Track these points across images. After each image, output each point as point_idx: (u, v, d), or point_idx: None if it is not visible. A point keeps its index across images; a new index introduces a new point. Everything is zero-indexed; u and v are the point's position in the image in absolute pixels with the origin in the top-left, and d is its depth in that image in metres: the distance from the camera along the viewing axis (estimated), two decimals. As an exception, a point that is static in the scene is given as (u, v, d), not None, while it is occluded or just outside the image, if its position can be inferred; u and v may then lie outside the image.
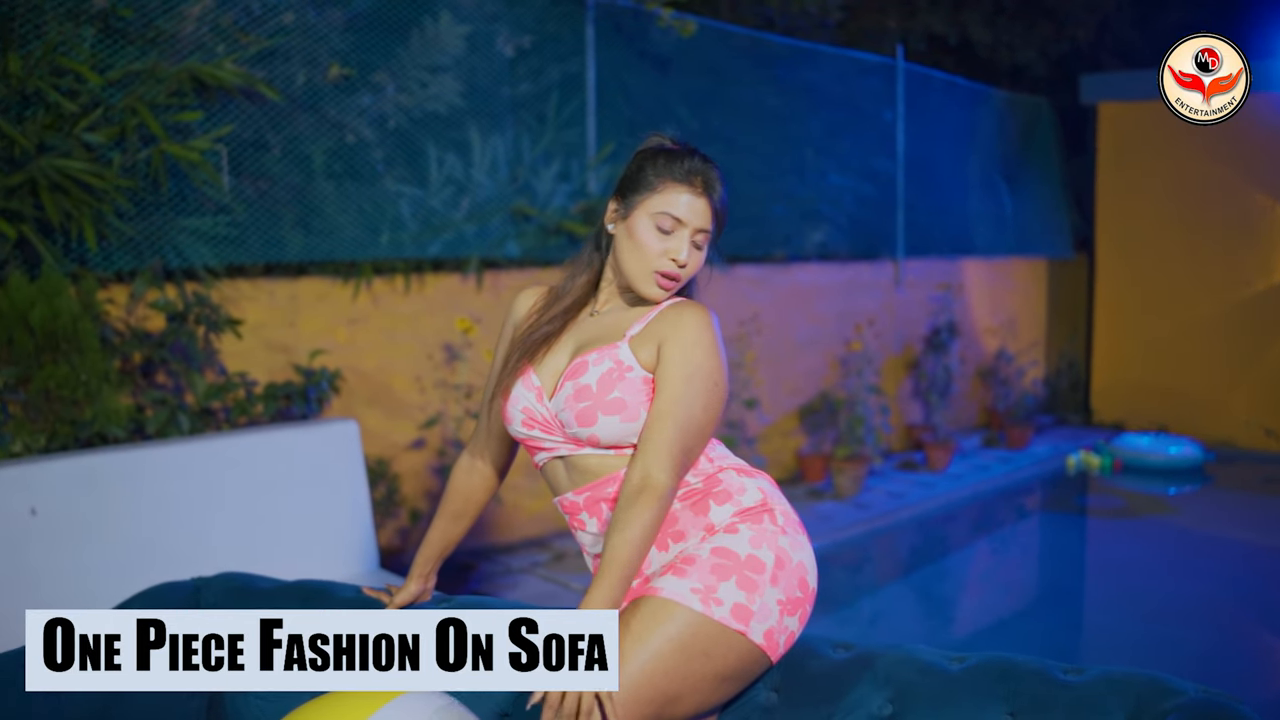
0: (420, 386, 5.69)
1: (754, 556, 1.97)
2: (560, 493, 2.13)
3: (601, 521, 2.07)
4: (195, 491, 4.05)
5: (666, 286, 2.07)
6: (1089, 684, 1.92)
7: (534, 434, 2.09)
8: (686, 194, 2.05)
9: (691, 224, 2.05)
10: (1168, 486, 8.45)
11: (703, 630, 1.89)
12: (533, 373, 2.10)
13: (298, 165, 5.17)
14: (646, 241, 2.06)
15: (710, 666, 1.89)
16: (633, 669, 1.84)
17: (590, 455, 2.05)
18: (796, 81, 8.19)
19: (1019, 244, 10.32)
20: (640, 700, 1.83)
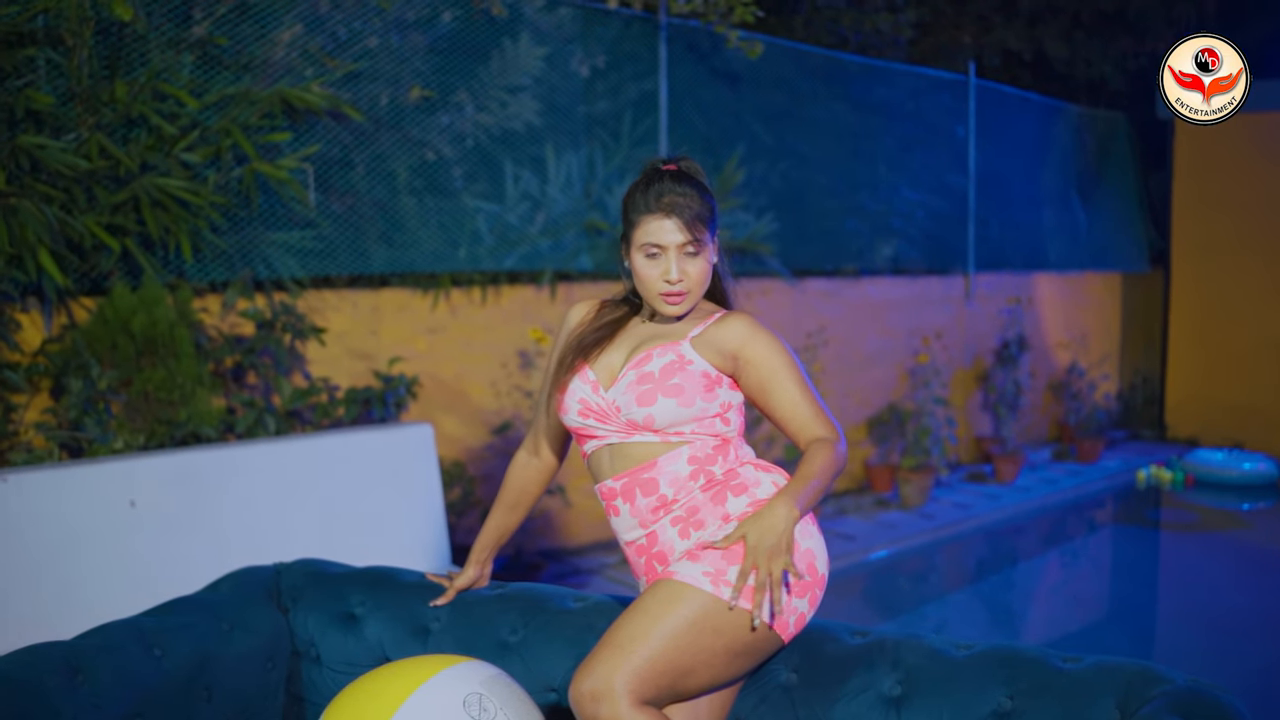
0: (495, 393, 5.94)
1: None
2: (601, 479, 2.33)
3: (634, 508, 2.26)
4: (280, 488, 4.34)
5: (676, 301, 2.29)
6: (1084, 671, 2.08)
7: (588, 422, 2.30)
8: (656, 220, 2.26)
9: (671, 244, 2.26)
10: (1240, 502, 8.41)
11: (713, 609, 2.07)
12: (588, 369, 2.32)
13: (380, 182, 5.45)
14: (643, 272, 2.29)
15: (721, 643, 2.07)
16: (649, 645, 2.02)
17: (637, 443, 2.26)
18: (869, 98, 8.33)
19: (1093, 258, 10.33)
20: (655, 673, 2.01)
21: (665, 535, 2.24)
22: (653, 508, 2.25)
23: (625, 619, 2.08)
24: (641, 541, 2.28)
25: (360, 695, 2.13)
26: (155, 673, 2.38)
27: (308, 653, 2.69)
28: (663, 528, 2.25)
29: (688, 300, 2.30)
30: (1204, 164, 10.00)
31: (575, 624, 2.49)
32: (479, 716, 2.05)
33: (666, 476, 2.24)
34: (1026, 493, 8.17)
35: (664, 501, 2.24)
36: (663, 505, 2.24)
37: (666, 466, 2.24)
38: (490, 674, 2.18)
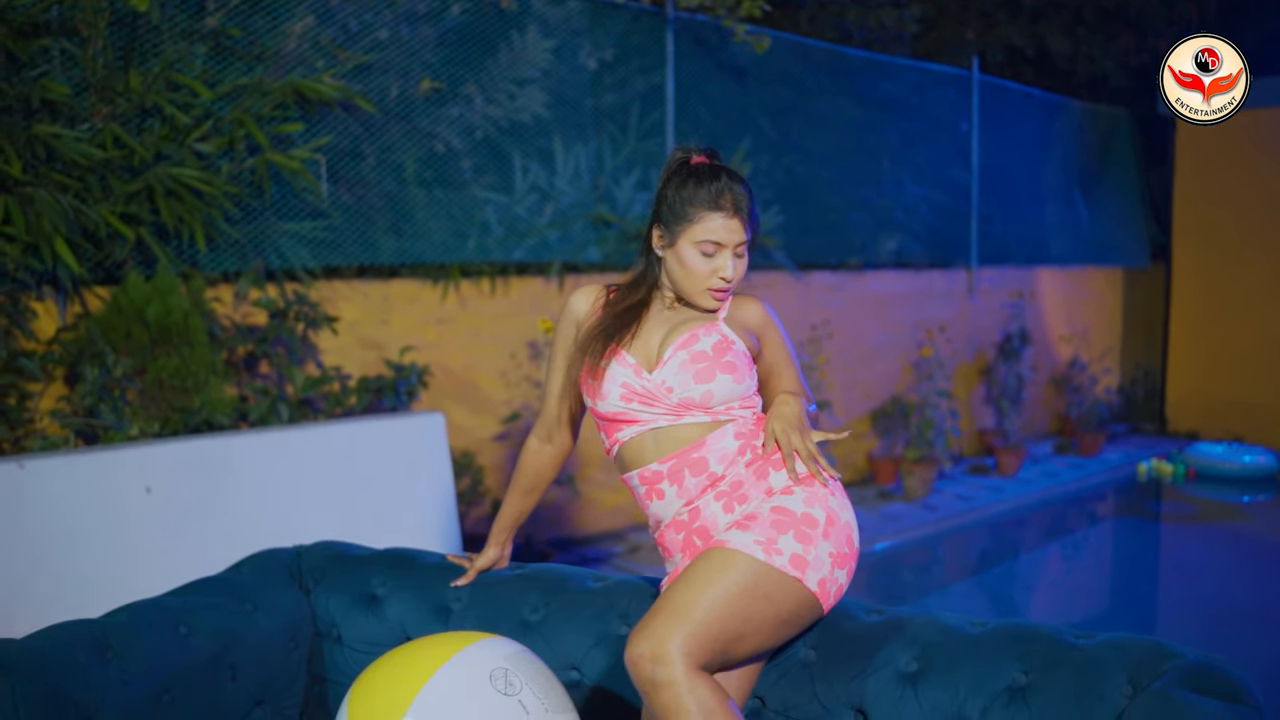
0: (504, 383, 5.99)
1: (809, 514, 2.21)
2: (641, 465, 2.32)
3: (682, 488, 2.27)
4: (294, 476, 4.38)
5: (720, 298, 2.35)
6: (1096, 647, 2.12)
7: (632, 407, 2.31)
8: (720, 218, 2.29)
9: (731, 243, 2.31)
10: (1241, 495, 8.46)
11: (765, 577, 2.12)
12: (625, 353, 2.33)
13: (391, 173, 5.49)
14: (695, 267, 2.32)
15: (771, 609, 2.13)
16: (703, 609, 2.05)
17: (685, 424, 2.28)
18: (873, 93, 8.37)
19: (1095, 253, 10.37)
20: (709, 637, 2.04)
21: (709, 510, 2.27)
22: (701, 486, 2.27)
23: (680, 585, 2.11)
24: (683, 518, 2.30)
25: (387, 671, 2.17)
26: (182, 651, 2.42)
27: (329, 633, 2.74)
28: (706, 503, 2.27)
29: (727, 299, 2.38)
30: (1205, 160, 10.04)
31: (596, 603, 2.53)
32: (505, 691, 2.10)
33: (716, 454, 2.27)
34: (1028, 485, 8.22)
35: (713, 479, 2.27)
36: (711, 483, 2.27)
37: (715, 444, 2.27)
38: (515, 649, 2.22)
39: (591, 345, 2.37)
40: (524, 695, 2.12)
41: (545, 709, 2.13)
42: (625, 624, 2.49)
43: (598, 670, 2.46)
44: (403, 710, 2.07)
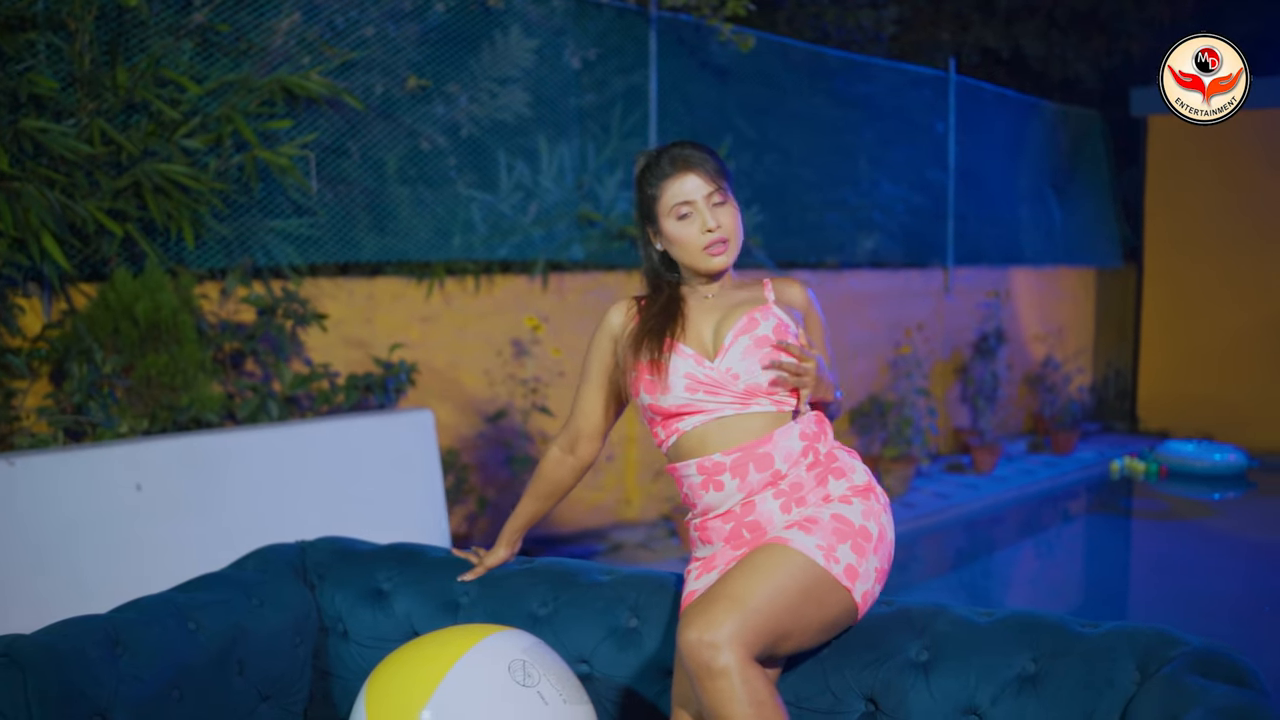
0: (489, 381, 5.99)
1: (865, 528, 2.23)
2: (703, 455, 2.30)
3: (744, 483, 2.26)
4: (285, 473, 4.38)
5: (720, 251, 2.34)
6: (1103, 635, 2.16)
7: (697, 397, 2.30)
8: (678, 180, 2.33)
9: (698, 197, 2.32)
10: (1211, 492, 8.58)
11: (821, 581, 2.14)
12: (681, 345, 2.34)
13: (376, 171, 5.49)
14: (683, 235, 2.34)
15: (819, 614, 2.15)
16: (762, 601, 2.07)
17: (753, 413, 2.29)
18: (851, 93, 8.43)
19: (1068, 253, 10.48)
20: (762, 631, 2.06)
21: (765, 506, 2.26)
22: (764, 482, 2.26)
23: (741, 575, 2.12)
24: (736, 509, 2.29)
25: (406, 663, 2.18)
26: (191, 646, 2.42)
27: (335, 628, 2.74)
28: (764, 499, 2.27)
29: (730, 249, 2.35)
30: (1175, 161, 10.17)
31: (605, 596, 2.54)
32: (524, 682, 2.12)
33: (781, 452, 2.27)
34: (1004, 483, 8.30)
35: (776, 477, 2.26)
36: (774, 480, 2.27)
37: (781, 441, 2.27)
38: (531, 641, 2.24)
39: (647, 342, 2.36)
40: (542, 686, 2.13)
41: (563, 700, 2.15)
42: (635, 617, 2.51)
43: (608, 663, 2.47)
44: (423, 702, 2.08)
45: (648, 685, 2.45)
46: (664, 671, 2.45)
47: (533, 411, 5.94)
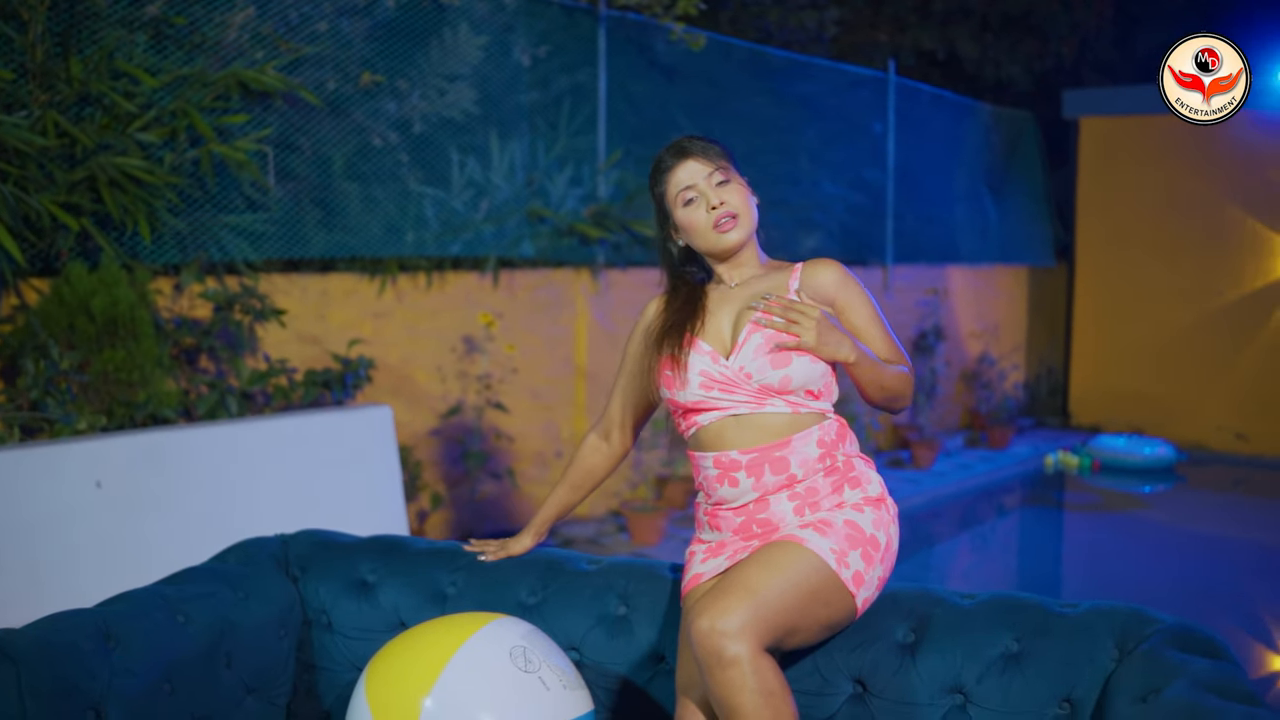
0: (441, 377, 5.99)
1: (874, 537, 2.28)
2: (720, 450, 2.33)
3: (759, 482, 2.29)
4: (244, 469, 4.36)
5: (727, 226, 2.36)
6: (1082, 615, 2.25)
7: (712, 394, 2.32)
8: (677, 170, 2.39)
9: (699, 179, 2.37)
10: (1142, 485, 8.82)
11: (830, 584, 2.19)
12: (700, 341, 2.36)
13: (330, 167, 5.47)
14: (692, 219, 2.38)
15: (825, 614, 2.20)
16: (775, 595, 2.11)
17: (769, 413, 2.30)
18: (792, 93, 8.53)
19: (1002, 252, 10.69)
20: (776, 624, 2.10)
21: (779, 507, 2.30)
22: (778, 484, 2.29)
23: (757, 568, 2.16)
24: (750, 505, 2.32)
25: (406, 652, 2.21)
26: (181, 639, 2.42)
27: (319, 620, 2.75)
28: (778, 499, 2.30)
29: (740, 225, 2.37)
30: (1106, 163, 10.42)
31: (594, 584, 2.59)
32: (525, 668, 2.15)
33: (798, 457, 2.29)
34: (943, 478, 8.45)
35: (791, 480, 2.29)
36: (789, 483, 2.29)
37: (799, 447, 2.29)
38: (528, 629, 2.28)
39: (668, 337, 2.39)
40: (543, 672, 2.17)
41: (563, 685, 2.19)
42: (624, 605, 2.55)
43: (598, 650, 2.52)
44: (427, 689, 2.11)
45: (638, 672, 2.50)
46: (654, 658, 2.50)
47: (486, 408, 5.96)
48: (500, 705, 2.11)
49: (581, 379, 6.79)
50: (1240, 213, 9.70)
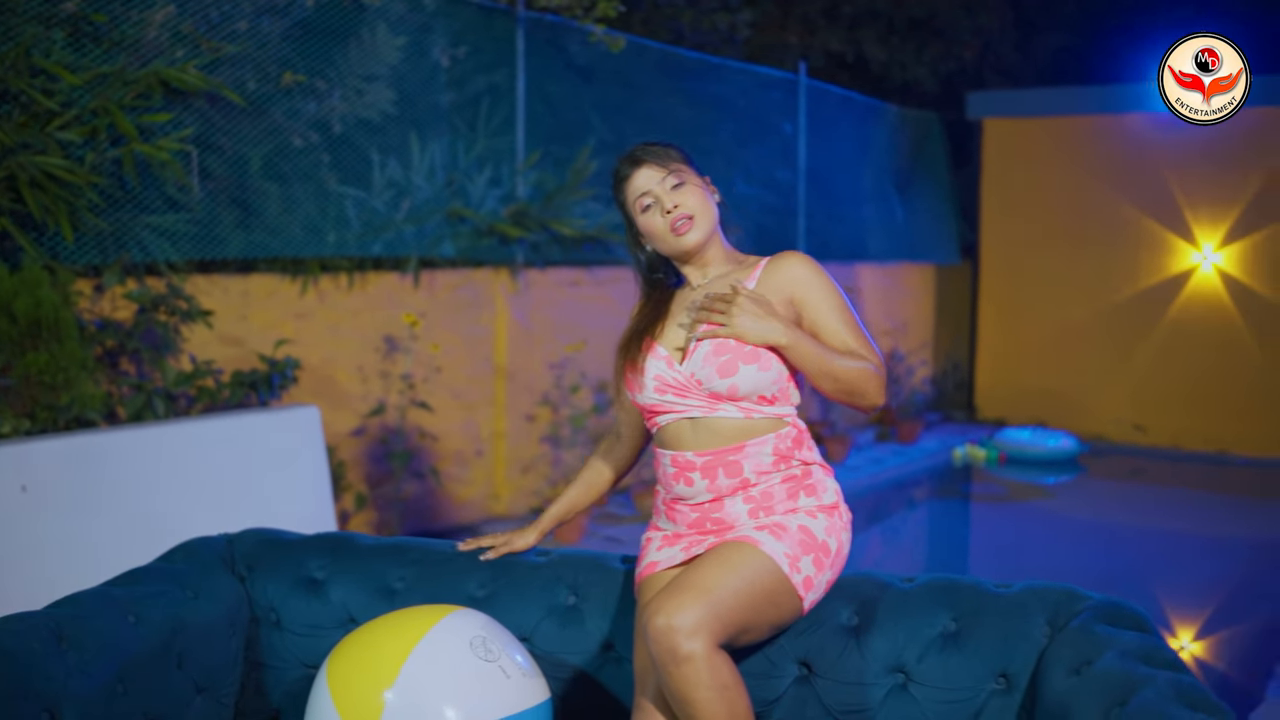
0: (361, 378, 5.99)
1: (825, 542, 2.35)
2: (678, 449, 2.39)
3: (713, 484, 2.35)
4: (173, 471, 4.33)
5: (684, 229, 2.41)
6: (1016, 594, 2.37)
7: (666, 398, 2.39)
8: (632, 179, 2.46)
9: (653, 185, 2.43)
10: (1046, 476, 9.11)
11: (782, 587, 2.26)
12: (658, 345, 2.42)
13: (250, 167, 5.43)
14: (651, 225, 2.45)
15: (775, 615, 2.28)
16: (730, 595, 2.17)
17: (722, 418, 2.35)
18: (705, 94, 8.64)
19: (909, 250, 10.93)
20: (730, 622, 2.16)
21: (734, 508, 2.36)
22: (733, 487, 2.35)
23: (713, 568, 2.21)
24: (705, 504, 2.38)
25: (366, 645, 2.24)
26: (133, 639, 2.43)
27: (267, 618, 2.77)
28: (733, 501, 2.36)
29: (697, 225, 2.41)
30: (1008, 163, 10.72)
31: (543, 576, 2.64)
32: (486, 657, 2.20)
33: (752, 462, 2.35)
34: (856, 472, 8.63)
35: (745, 484, 2.35)
36: (743, 486, 2.35)
37: (753, 452, 2.35)
38: (486, 619, 2.33)
39: (629, 343, 2.47)
40: (503, 661, 2.23)
41: (523, 673, 2.25)
42: (574, 595, 2.61)
43: (549, 640, 2.57)
44: (390, 681, 2.15)
45: (589, 660, 2.56)
46: (605, 647, 2.56)
47: (409, 407, 5.97)
48: (463, 695, 2.16)
49: (502, 378, 6.82)
50: (1136, 212, 10.06)
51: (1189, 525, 7.87)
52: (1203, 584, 6.33)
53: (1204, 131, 9.67)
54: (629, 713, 2.49)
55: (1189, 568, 6.68)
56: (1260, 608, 5.92)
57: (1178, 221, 9.89)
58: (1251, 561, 6.90)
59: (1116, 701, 1.90)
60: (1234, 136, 9.57)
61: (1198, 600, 6.02)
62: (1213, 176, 9.73)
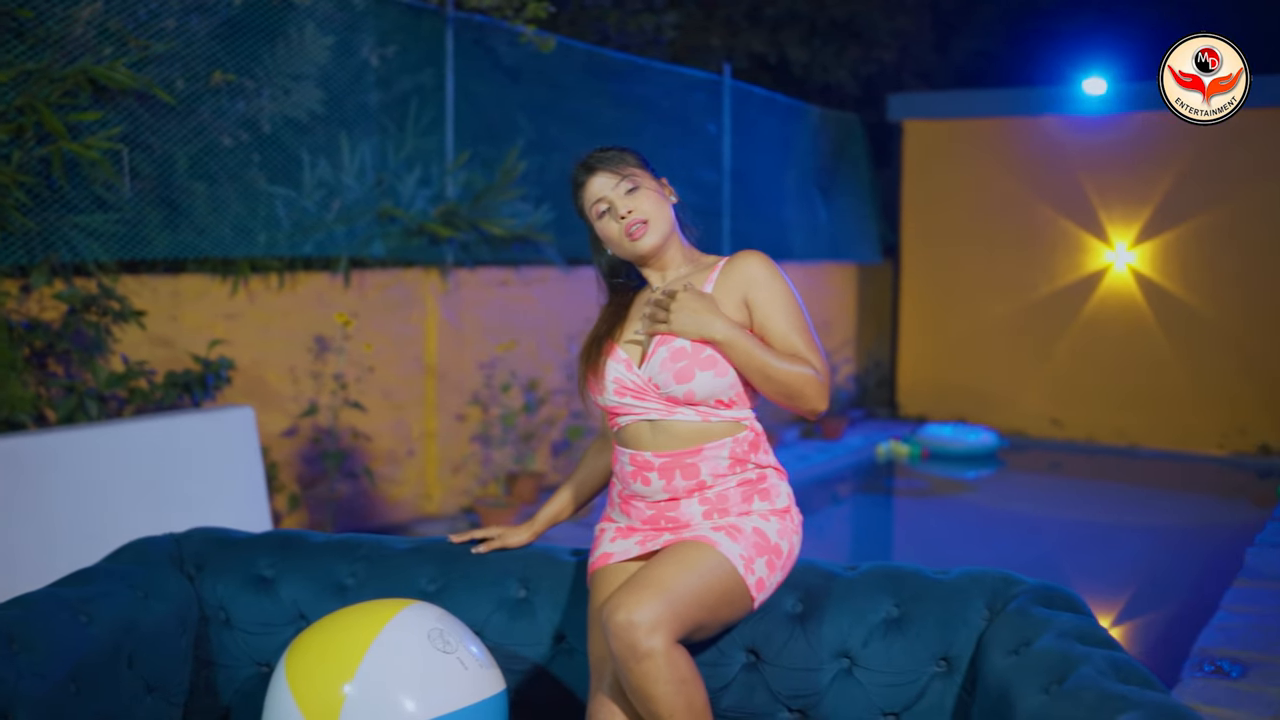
0: (293, 378, 5.96)
1: (778, 545, 2.42)
2: (637, 449, 2.45)
3: (669, 485, 2.40)
4: (106, 473, 4.29)
5: (638, 233, 2.46)
6: (955, 580, 2.46)
7: (625, 400, 2.44)
8: (587, 186, 2.52)
9: (607, 191, 2.49)
10: (967, 471, 9.31)
11: (737, 587, 2.32)
12: (618, 348, 2.48)
13: (179, 166, 5.38)
14: (607, 231, 2.51)
15: (727, 613, 2.34)
16: (689, 592, 2.22)
17: (680, 421, 2.41)
18: (631, 95, 8.71)
19: (832, 250, 11.10)
20: (687, 618, 2.22)
21: (689, 509, 2.42)
22: (689, 489, 2.41)
23: (673, 566, 2.26)
24: (661, 502, 2.44)
25: (325, 640, 2.27)
26: (85, 640, 2.43)
27: (216, 617, 2.77)
28: (689, 503, 2.41)
29: (652, 229, 2.45)
30: (928, 164, 10.93)
31: (492, 570, 2.68)
32: (444, 649, 2.24)
33: (709, 465, 2.40)
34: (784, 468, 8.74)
35: (701, 486, 2.41)
36: (699, 488, 2.41)
37: (710, 455, 2.40)
38: (441, 612, 2.37)
39: (589, 347, 2.52)
40: (460, 652, 2.27)
41: (480, 664, 2.29)
42: (524, 588, 2.66)
43: (500, 633, 2.61)
44: (350, 674, 2.18)
45: (541, 651, 2.61)
46: (556, 638, 2.62)
47: (342, 408, 5.95)
48: (423, 686, 2.19)
49: (432, 378, 6.82)
50: (1052, 212, 10.31)
51: (1102, 515, 8.12)
52: (1117, 571, 6.53)
53: (1116, 133, 9.97)
54: (581, 703, 2.55)
55: (1104, 556, 6.89)
56: (1172, 593, 6.14)
57: (1092, 222, 10.16)
58: (1162, 549, 7.14)
59: (1055, 679, 2.00)
60: (1144, 139, 9.87)
61: (1113, 587, 6.21)
62: (1125, 178, 10.01)
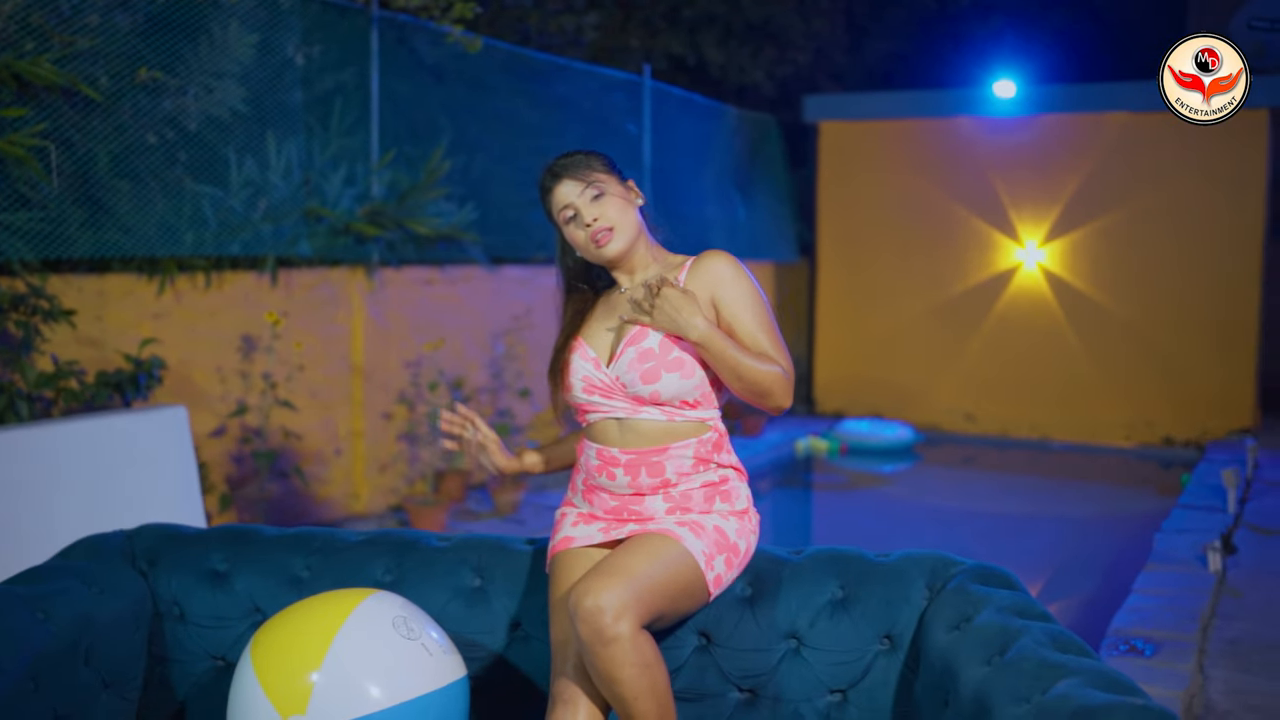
0: (220, 378, 5.93)
1: (736, 544, 2.50)
2: (604, 444, 2.51)
3: (634, 481, 2.47)
4: (38, 475, 4.24)
5: (604, 240, 2.50)
6: (896, 562, 2.58)
7: (593, 399, 2.51)
8: (554, 192, 2.55)
9: (573, 198, 2.52)
10: (884, 465, 9.53)
11: (697, 581, 2.41)
12: (587, 346, 2.54)
13: (104, 164, 5.33)
14: (574, 237, 2.55)
15: (687, 605, 2.42)
16: (654, 582, 2.30)
17: (646, 420, 2.48)
18: (552, 95, 8.77)
19: (750, 249, 11.25)
20: (651, 607, 2.29)
21: (653, 505, 2.49)
22: (654, 486, 2.48)
23: (640, 556, 2.33)
24: (625, 496, 2.51)
25: (291, 631, 2.31)
26: (43, 636, 2.43)
27: (170, 612, 2.79)
28: (654, 500, 2.49)
29: (617, 236, 2.50)
30: (844, 165, 11.13)
31: (447, 560, 2.74)
32: (408, 636, 2.30)
33: (674, 464, 2.47)
34: (706, 463, 8.86)
35: (666, 484, 2.48)
36: (664, 486, 2.48)
37: (676, 454, 2.47)
38: (403, 600, 2.42)
39: (558, 346, 2.59)
40: (424, 639, 2.32)
41: (443, 650, 2.35)
42: (479, 577, 2.72)
43: (457, 621, 2.67)
44: (317, 663, 2.22)
45: (497, 639, 2.67)
46: (512, 625, 2.68)
47: (272, 407, 5.93)
48: (389, 673, 2.25)
49: (359, 377, 6.82)
50: (965, 212, 10.58)
51: (1015, 507, 8.37)
52: (1033, 560, 6.75)
53: (1026, 135, 10.26)
54: (539, 688, 2.62)
55: (1020, 545, 7.12)
56: (1086, 578, 6.37)
57: (1003, 221, 10.44)
58: (1074, 537, 7.39)
59: (996, 651, 2.11)
60: (1052, 140, 10.18)
61: (1029, 575, 6.40)
62: (1034, 178, 10.31)
